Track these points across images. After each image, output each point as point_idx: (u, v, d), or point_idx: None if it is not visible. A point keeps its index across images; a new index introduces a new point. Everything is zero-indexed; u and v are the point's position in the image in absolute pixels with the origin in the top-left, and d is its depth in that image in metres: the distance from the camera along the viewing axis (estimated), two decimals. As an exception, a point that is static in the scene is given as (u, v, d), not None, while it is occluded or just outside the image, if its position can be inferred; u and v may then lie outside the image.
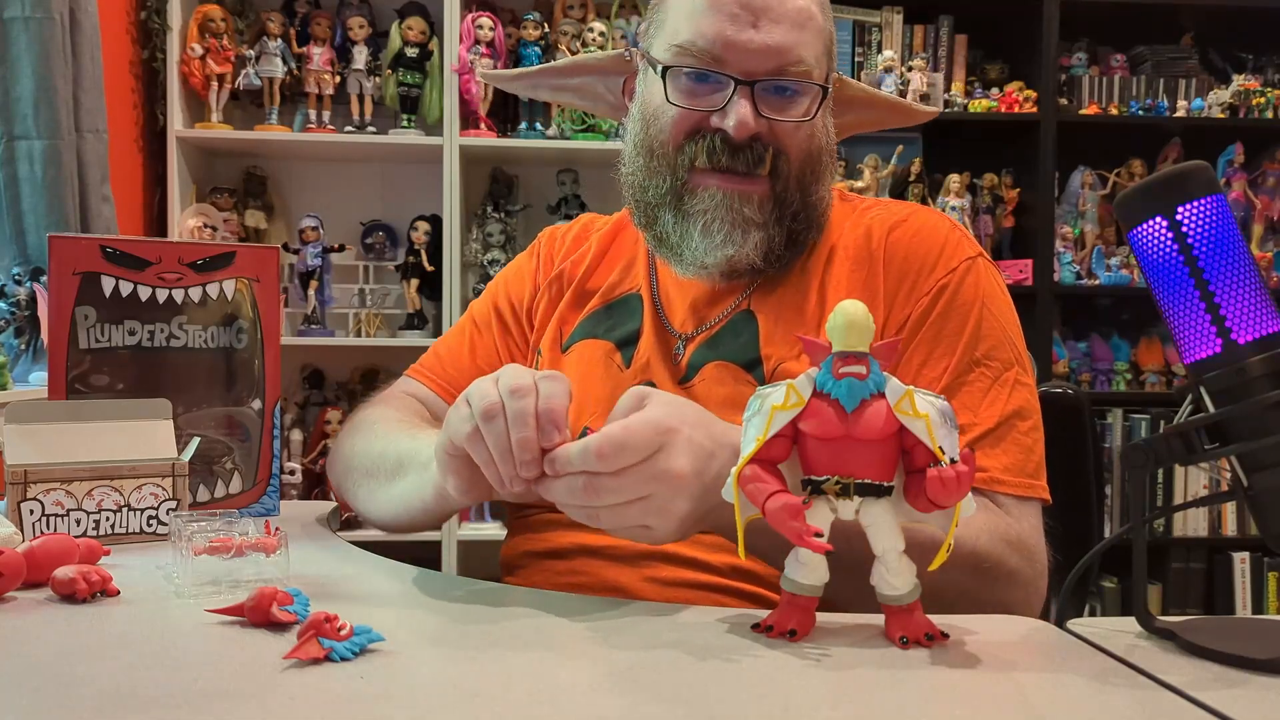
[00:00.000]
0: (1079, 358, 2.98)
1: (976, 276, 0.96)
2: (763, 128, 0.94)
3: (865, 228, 1.00)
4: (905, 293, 0.96)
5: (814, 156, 0.98)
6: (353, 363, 2.90)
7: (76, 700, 0.54)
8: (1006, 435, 0.90)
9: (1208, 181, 0.65)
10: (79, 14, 2.16)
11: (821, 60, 0.97)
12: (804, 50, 0.94)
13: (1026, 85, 2.84)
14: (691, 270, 1.00)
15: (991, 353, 0.93)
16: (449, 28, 2.67)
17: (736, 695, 0.57)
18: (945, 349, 0.93)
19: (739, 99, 0.93)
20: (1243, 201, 2.93)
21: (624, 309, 1.07)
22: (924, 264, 0.96)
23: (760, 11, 0.93)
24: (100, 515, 0.93)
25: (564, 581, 0.92)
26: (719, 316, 1.02)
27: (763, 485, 0.64)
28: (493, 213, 2.81)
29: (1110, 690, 0.59)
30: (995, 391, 0.91)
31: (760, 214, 0.96)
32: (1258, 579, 2.88)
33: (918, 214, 1.01)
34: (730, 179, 0.95)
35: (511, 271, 1.18)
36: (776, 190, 0.96)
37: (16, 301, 2.00)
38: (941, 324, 0.94)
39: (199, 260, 1.06)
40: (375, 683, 0.57)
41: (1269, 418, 0.62)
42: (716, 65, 0.94)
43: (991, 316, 0.94)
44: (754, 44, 0.93)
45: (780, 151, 0.96)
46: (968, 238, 1.00)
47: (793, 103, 0.95)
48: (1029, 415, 0.92)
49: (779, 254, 0.98)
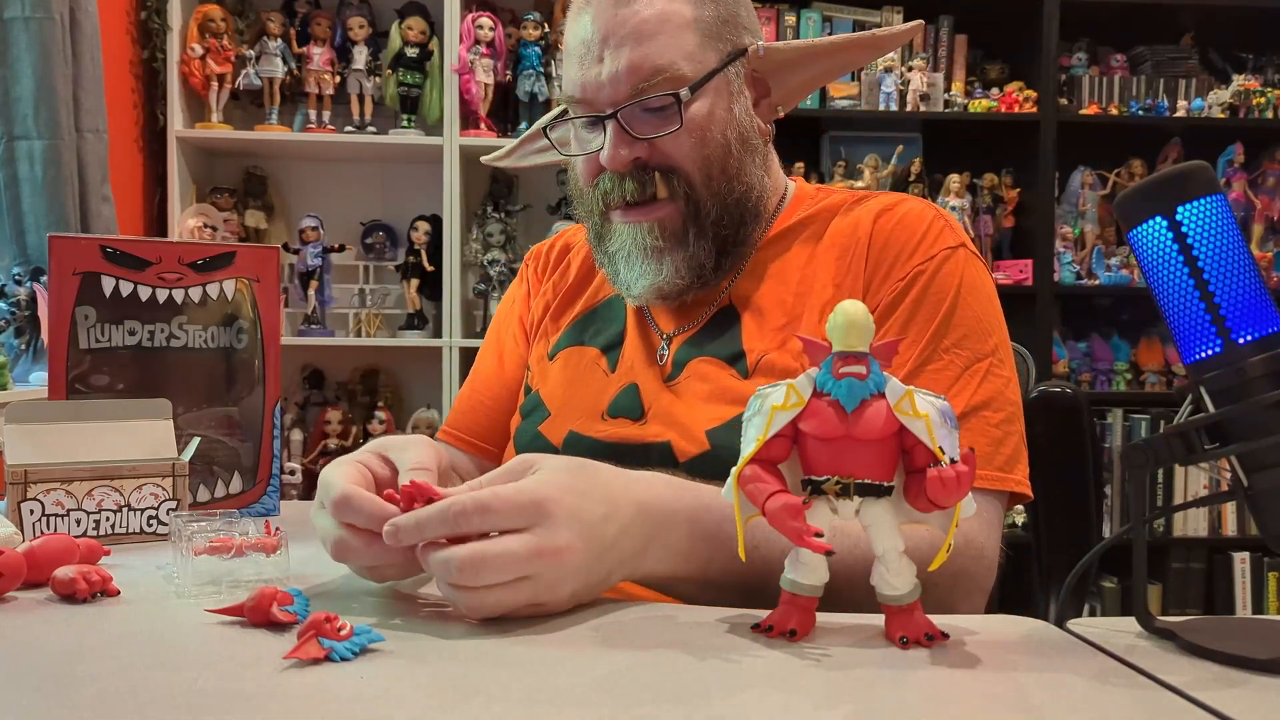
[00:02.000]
0: (1079, 358, 2.98)
1: (955, 265, 0.94)
2: (642, 150, 0.95)
3: (854, 219, 0.99)
4: (881, 277, 0.94)
5: (714, 156, 0.96)
6: (353, 363, 2.90)
7: (76, 700, 0.54)
8: (974, 425, 0.88)
9: (1208, 181, 0.65)
10: (79, 14, 2.16)
11: (700, 53, 0.94)
12: (660, 58, 0.92)
13: (1026, 85, 2.84)
14: (631, 299, 1.02)
15: (962, 342, 0.91)
16: (449, 28, 2.68)
17: (736, 695, 0.57)
18: (914, 336, 0.91)
19: (608, 132, 0.94)
20: (1243, 201, 2.93)
21: (607, 313, 1.08)
22: (903, 250, 0.95)
23: (602, 42, 0.93)
24: (100, 515, 0.93)
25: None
26: (701, 315, 1.02)
27: (763, 485, 0.64)
28: (493, 213, 2.81)
29: (1110, 690, 0.59)
30: (964, 381, 0.89)
31: (668, 238, 0.96)
32: (1258, 579, 2.88)
33: (906, 202, 1.00)
34: (629, 211, 0.97)
35: (505, 308, 1.20)
36: (682, 208, 0.96)
37: (16, 301, 2.01)
38: (913, 310, 0.92)
39: (199, 260, 1.06)
40: (375, 683, 0.57)
41: (1269, 418, 0.62)
42: (585, 108, 0.96)
43: (966, 306, 0.92)
44: (602, 77, 0.93)
45: (671, 168, 0.95)
46: (952, 228, 0.97)
47: (664, 115, 0.94)
48: (1001, 407, 0.90)
49: (714, 264, 0.98)
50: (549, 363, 1.08)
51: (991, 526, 0.86)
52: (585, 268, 1.13)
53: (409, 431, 2.76)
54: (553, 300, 1.13)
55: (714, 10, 0.96)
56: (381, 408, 2.80)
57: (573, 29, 0.97)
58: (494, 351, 1.18)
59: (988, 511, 0.86)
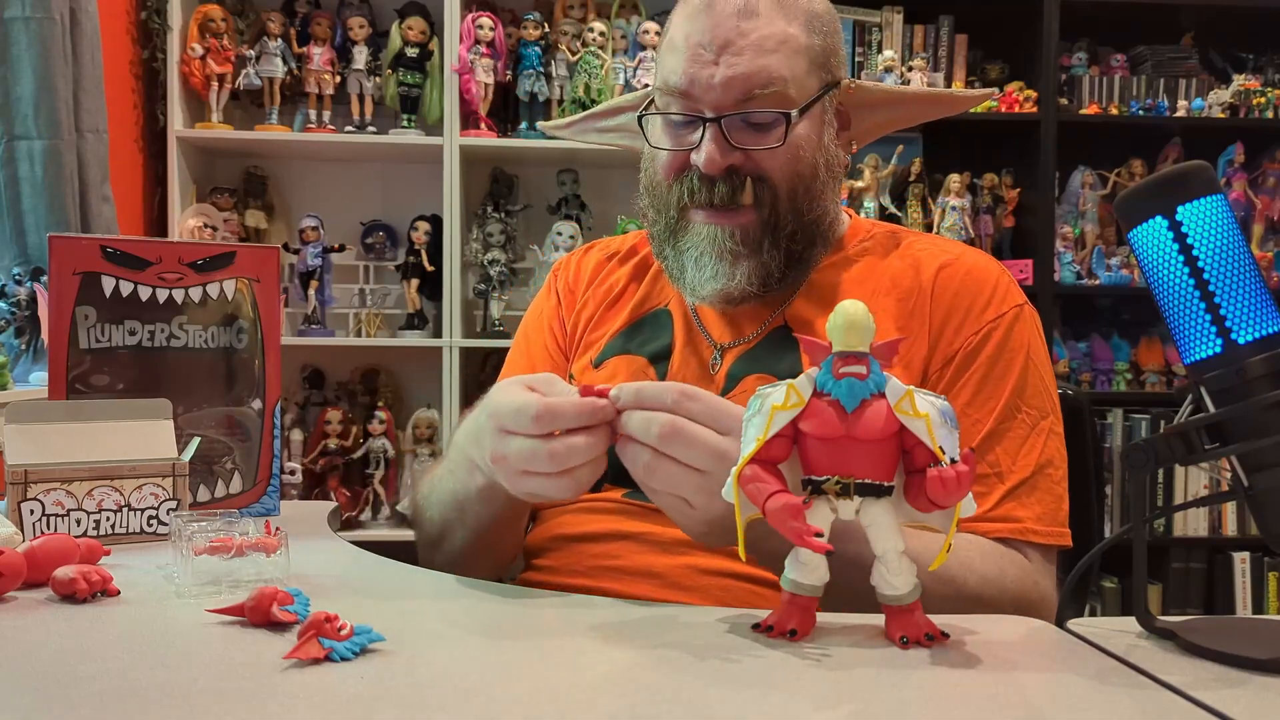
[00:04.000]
0: (1079, 358, 2.98)
1: (1024, 324, 0.98)
2: (737, 159, 0.96)
3: (913, 260, 1.01)
4: (954, 328, 0.97)
5: (803, 176, 0.98)
6: (353, 363, 2.90)
7: (76, 700, 0.54)
8: (1040, 484, 0.93)
9: (1208, 181, 0.65)
10: (79, 14, 2.16)
11: (806, 79, 0.97)
12: (774, 75, 0.94)
13: (1027, 85, 2.84)
14: (695, 299, 1.03)
15: (1032, 400, 0.95)
16: (449, 27, 2.67)
17: (736, 695, 0.57)
18: (991, 391, 0.95)
19: (708, 135, 0.95)
20: (1243, 201, 2.93)
21: (653, 324, 1.08)
22: (975, 303, 0.98)
23: (723, 46, 0.95)
24: (100, 515, 0.93)
25: (597, 564, 0.93)
26: (757, 330, 1.03)
27: (763, 485, 0.64)
28: (493, 213, 2.80)
29: (1110, 690, 0.59)
30: (1032, 440, 0.94)
31: (747, 244, 0.97)
32: (1258, 579, 2.87)
33: (968, 254, 1.03)
34: (713, 213, 0.97)
35: (534, 318, 1.18)
36: (764, 217, 0.97)
37: (17, 301, 2.00)
38: (990, 366, 0.95)
39: (199, 260, 1.06)
40: (375, 683, 0.57)
41: (1269, 418, 0.62)
42: (688, 103, 0.97)
43: (1035, 366, 0.97)
44: (717, 79, 0.94)
45: (762, 178, 0.97)
46: (1015, 284, 1.02)
47: (767, 130, 0.96)
48: (1060, 464, 0.95)
49: (779, 276, 0.99)
50: (595, 370, 1.07)
51: (1053, 579, 0.93)
52: (631, 277, 1.12)
53: (409, 432, 2.76)
54: (595, 311, 1.11)
55: (822, 41, 1.00)
56: (381, 408, 2.79)
57: (686, 26, 0.97)
58: (524, 359, 1.16)
59: (1051, 564, 0.93)
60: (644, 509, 0.93)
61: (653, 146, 1.01)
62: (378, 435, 2.73)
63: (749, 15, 0.95)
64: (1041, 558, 0.92)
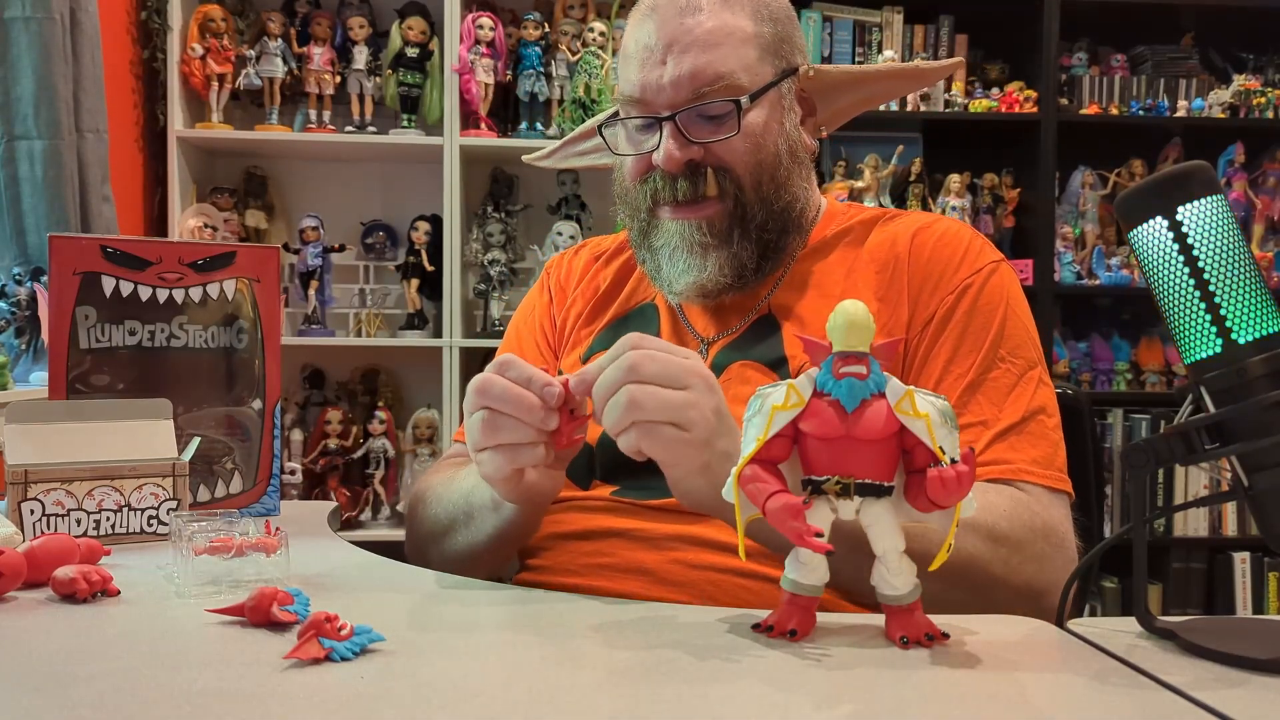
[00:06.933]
0: (1079, 358, 2.98)
1: (1001, 279, 0.99)
2: (696, 153, 0.97)
3: (890, 234, 1.02)
4: (930, 291, 0.97)
5: (766, 164, 0.99)
6: (353, 363, 2.90)
7: (76, 700, 0.54)
8: (1032, 429, 0.92)
9: (1208, 181, 0.65)
10: (79, 14, 2.16)
11: (758, 66, 0.98)
12: (722, 67, 0.96)
13: (1027, 85, 2.84)
14: (673, 296, 1.04)
15: (1016, 351, 0.95)
16: (449, 28, 2.67)
17: (736, 695, 0.57)
18: (971, 345, 0.95)
19: (665, 133, 0.97)
20: (1243, 201, 2.93)
21: (640, 319, 1.09)
22: (948, 264, 0.98)
23: (669, 45, 0.96)
24: (100, 515, 0.93)
25: (589, 562, 0.94)
26: (741, 321, 1.03)
27: (763, 485, 0.64)
28: (493, 213, 2.81)
29: (1110, 690, 0.59)
30: (1020, 388, 0.93)
31: (715, 235, 0.99)
32: (1258, 579, 2.87)
33: (942, 221, 1.04)
34: (679, 208, 0.99)
35: (524, 315, 1.19)
36: (730, 207, 0.99)
37: (17, 301, 2.00)
38: (967, 321, 0.96)
39: (199, 260, 1.06)
40: (375, 683, 0.57)
41: (1269, 418, 0.62)
42: (643, 108, 0.99)
43: (1015, 317, 0.97)
44: (665, 79, 0.96)
45: (723, 168, 0.98)
46: (990, 245, 1.03)
47: (722, 121, 0.97)
48: (1053, 414, 0.94)
49: (755, 265, 1.00)
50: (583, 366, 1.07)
51: (1067, 519, 0.90)
52: (618, 275, 1.14)
53: (409, 432, 2.76)
54: (584, 308, 1.13)
55: (772, 29, 1.00)
56: (381, 407, 2.79)
57: (634, 34, 1.00)
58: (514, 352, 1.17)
59: (1061, 508, 0.90)
60: (633, 506, 0.94)
61: (617, 155, 1.03)
62: (378, 435, 2.73)
63: (693, 12, 0.97)
64: (1046, 496, 0.89)
